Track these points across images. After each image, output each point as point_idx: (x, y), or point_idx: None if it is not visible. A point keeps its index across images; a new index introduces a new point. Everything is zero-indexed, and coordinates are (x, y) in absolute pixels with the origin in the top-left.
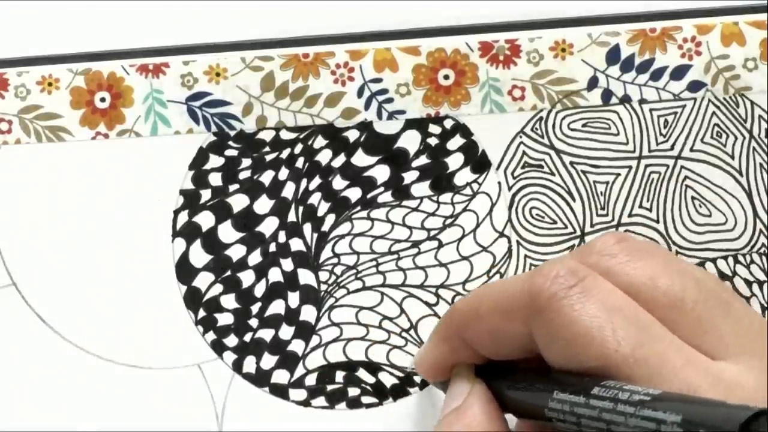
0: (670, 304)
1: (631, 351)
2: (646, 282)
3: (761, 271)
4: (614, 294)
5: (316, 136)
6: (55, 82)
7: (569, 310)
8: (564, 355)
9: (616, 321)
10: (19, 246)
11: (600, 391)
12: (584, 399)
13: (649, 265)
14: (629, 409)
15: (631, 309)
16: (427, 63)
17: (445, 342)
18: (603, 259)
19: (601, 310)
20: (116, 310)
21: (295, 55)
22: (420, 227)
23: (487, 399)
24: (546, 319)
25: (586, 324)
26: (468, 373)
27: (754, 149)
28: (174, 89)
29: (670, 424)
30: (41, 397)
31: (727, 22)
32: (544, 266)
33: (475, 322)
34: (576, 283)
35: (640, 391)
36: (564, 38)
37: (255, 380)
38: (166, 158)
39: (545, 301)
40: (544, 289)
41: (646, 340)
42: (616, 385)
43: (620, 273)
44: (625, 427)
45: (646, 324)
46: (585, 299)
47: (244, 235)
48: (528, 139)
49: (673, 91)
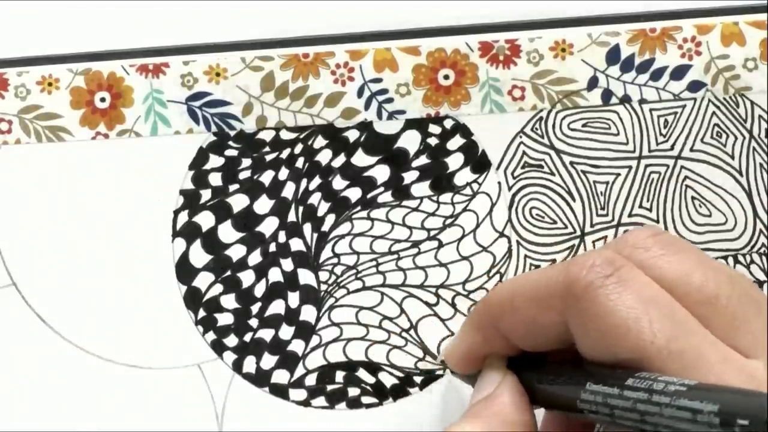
0: (704, 299)
1: (666, 343)
2: (680, 277)
3: (761, 271)
4: (650, 286)
5: (316, 136)
6: (55, 82)
7: (605, 299)
8: (599, 346)
9: (652, 313)
10: (19, 246)
11: (634, 382)
12: (618, 390)
13: (683, 259)
14: (664, 399)
15: (667, 302)
16: (427, 63)
17: (478, 332)
18: (636, 252)
19: (637, 301)
20: (116, 310)
21: (295, 55)
22: (420, 227)
23: (518, 390)
24: (582, 309)
25: (622, 314)
26: (500, 364)
27: (754, 149)
28: (174, 89)
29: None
30: (41, 397)
31: (727, 22)
32: (580, 256)
33: (510, 312)
34: (612, 272)
35: (675, 382)
36: (564, 38)
37: (255, 380)
38: (166, 158)
39: (581, 290)
40: (581, 278)
41: (681, 334)
42: (651, 376)
43: (654, 266)
44: (660, 417)
45: (681, 318)
46: (621, 289)
47: (244, 235)
48: (528, 139)
49: (673, 91)
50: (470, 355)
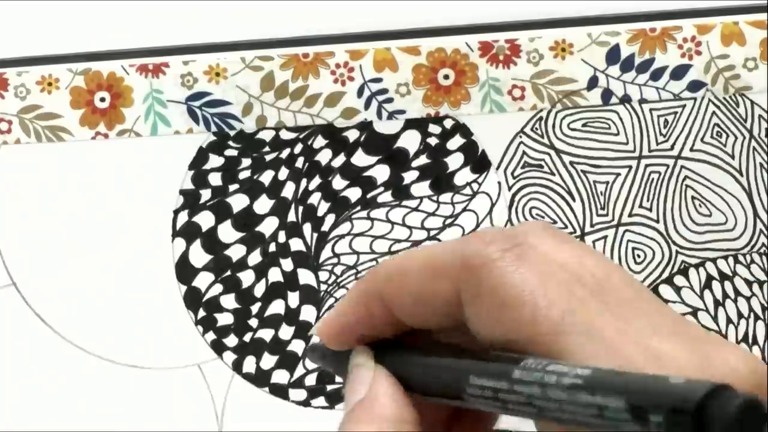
0: (598, 282)
1: (561, 317)
2: (573, 260)
3: (761, 271)
4: (550, 262)
5: (316, 136)
6: (55, 82)
7: (502, 272)
8: (491, 321)
9: (549, 287)
10: (19, 246)
11: (522, 374)
12: (507, 384)
13: (574, 247)
14: (561, 395)
15: (565, 278)
16: (427, 63)
17: (360, 302)
18: (530, 237)
19: (535, 275)
20: (116, 310)
21: (295, 55)
22: (420, 227)
23: (393, 385)
24: (477, 280)
25: (518, 287)
26: (367, 358)
27: (754, 149)
28: (174, 89)
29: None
30: (41, 397)
31: (727, 22)
32: (479, 230)
33: (400, 278)
34: (512, 247)
35: (568, 373)
36: (564, 38)
37: (255, 380)
38: (166, 158)
39: (479, 261)
40: (479, 249)
41: (578, 309)
42: (538, 365)
43: (548, 252)
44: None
45: (580, 295)
46: (519, 263)
47: (244, 235)
48: (528, 139)
49: (673, 90)
50: (346, 329)
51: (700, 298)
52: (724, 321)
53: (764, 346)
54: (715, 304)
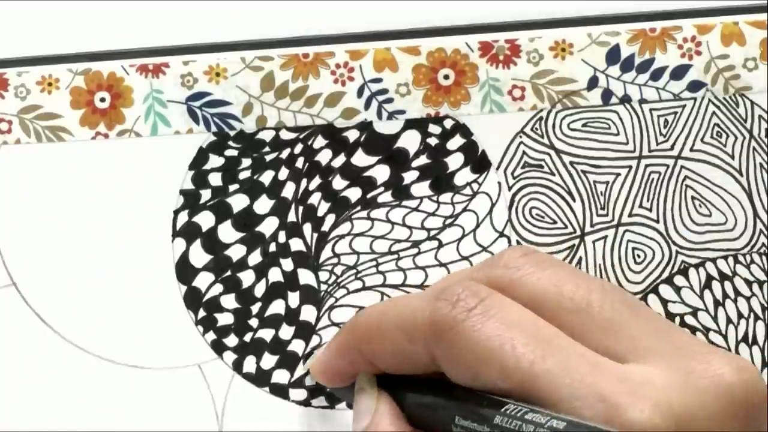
0: (577, 308)
1: (530, 366)
2: (551, 289)
3: (761, 271)
4: (513, 310)
5: (316, 136)
6: (55, 82)
7: (469, 332)
8: (467, 377)
9: (516, 337)
10: (19, 246)
11: (503, 420)
12: (489, 429)
13: (555, 273)
14: None
15: (531, 323)
16: (427, 63)
17: (344, 354)
18: (509, 272)
19: (501, 328)
20: (116, 310)
21: (295, 55)
22: (420, 227)
23: (395, 415)
24: (447, 343)
25: (485, 344)
26: (371, 386)
27: (754, 149)
28: (174, 89)
29: None
30: (41, 397)
31: (727, 21)
32: (446, 288)
33: (377, 338)
34: (476, 304)
35: (543, 424)
36: (564, 38)
37: (255, 380)
38: (166, 158)
39: (446, 327)
40: (445, 314)
41: (546, 352)
42: (518, 413)
43: (526, 284)
44: None
45: (547, 336)
46: (485, 319)
47: (244, 235)
48: (528, 139)
49: (673, 90)
50: (335, 374)
51: (700, 298)
52: (724, 321)
53: (764, 346)
54: (715, 304)
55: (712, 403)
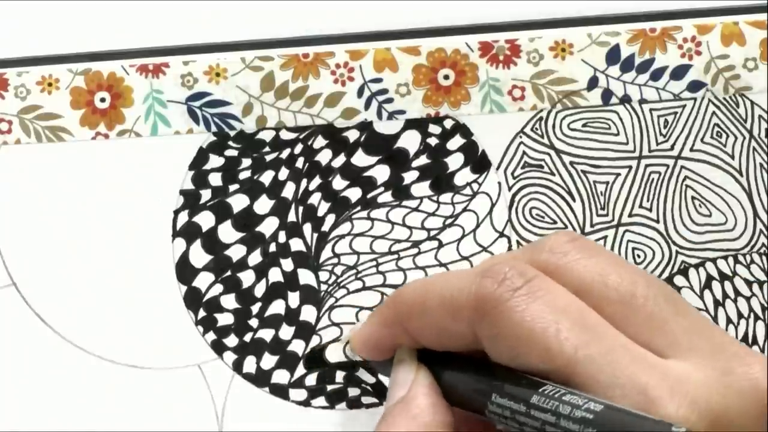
0: (621, 299)
1: (574, 352)
2: (596, 278)
3: (761, 271)
4: (561, 294)
5: (316, 136)
6: (55, 82)
7: (514, 313)
8: (509, 356)
9: (561, 322)
10: (19, 246)
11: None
12: (525, 408)
13: (600, 262)
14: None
15: (577, 309)
16: (427, 63)
17: (387, 327)
18: (554, 257)
19: (546, 311)
20: (116, 310)
21: (295, 55)
22: (420, 227)
23: (433, 388)
24: (491, 322)
25: (529, 326)
26: (411, 359)
27: (754, 149)
28: (174, 89)
29: None
30: (41, 397)
31: (727, 22)
32: (492, 266)
33: (420, 315)
34: (523, 284)
35: (581, 405)
36: (564, 38)
37: (255, 380)
38: (166, 158)
39: (492, 304)
40: (491, 291)
41: (591, 340)
42: (556, 394)
43: (571, 270)
44: None
45: (592, 324)
46: (530, 301)
47: (244, 235)
48: (528, 139)
49: (673, 91)
50: (377, 347)
51: (700, 298)
52: (724, 321)
53: (764, 346)
54: (715, 304)
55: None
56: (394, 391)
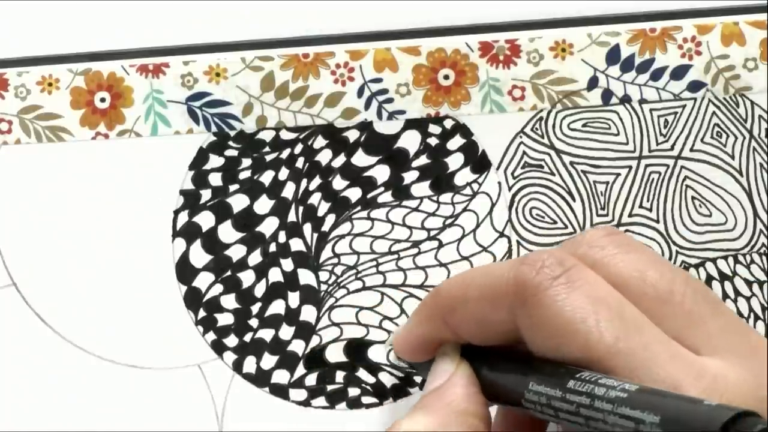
0: (659, 296)
1: (614, 342)
2: (634, 275)
3: (761, 271)
4: (600, 285)
5: (316, 136)
6: (55, 82)
7: (553, 300)
8: (547, 346)
9: (600, 313)
10: (19, 246)
11: (576, 384)
12: (561, 392)
13: (638, 258)
14: (607, 406)
15: (617, 301)
16: (427, 63)
17: (427, 323)
18: (592, 251)
19: (585, 301)
20: (116, 310)
21: (295, 55)
22: (420, 227)
23: (471, 380)
24: (530, 309)
25: (569, 315)
26: (454, 353)
27: (754, 149)
28: (174, 89)
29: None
30: (41, 397)
31: (727, 22)
32: (531, 255)
33: (460, 307)
34: (562, 273)
35: (616, 386)
36: (564, 38)
37: (255, 380)
38: (166, 158)
39: (530, 291)
40: (530, 278)
41: (630, 333)
42: (592, 378)
43: (608, 265)
44: (604, 423)
45: (631, 316)
46: (570, 290)
47: (244, 235)
48: (528, 139)
49: (673, 91)
50: (420, 345)
51: None
52: None
53: None
54: None
55: None
56: (433, 380)
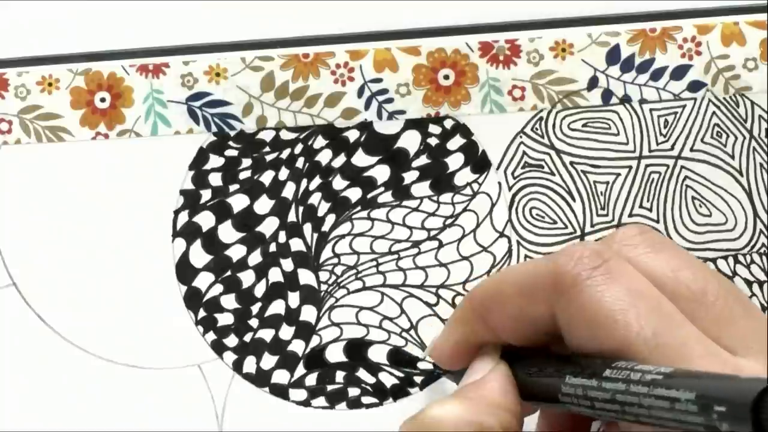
0: (692, 296)
1: (653, 336)
2: (668, 273)
3: (761, 271)
4: (638, 279)
5: (316, 136)
6: (55, 82)
7: (593, 291)
8: (585, 338)
9: (639, 305)
10: (19, 246)
11: (612, 372)
12: (596, 382)
13: (671, 257)
14: (642, 389)
15: (655, 295)
16: (427, 63)
17: (465, 326)
18: (624, 249)
19: (624, 293)
20: (116, 310)
21: (295, 55)
22: (420, 227)
23: (508, 378)
24: (569, 300)
25: (609, 306)
26: (494, 353)
27: (754, 149)
28: (174, 89)
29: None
30: (41, 397)
31: (727, 22)
32: (568, 247)
33: (498, 305)
34: (601, 264)
35: (651, 371)
36: (564, 38)
37: (255, 380)
38: (166, 158)
39: (569, 281)
40: (569, 269)
41: (667, 328)
42: (629, 366)
43: (642, 263)
44: (639, 407)
45: (668, 312)
46: (609, 281)
47: (244, 235)
48: (528, 139)
49: (673, 91)
50: (459, 350)
51: None
52: None
53: None
54: None
55: None
56: (470, 375)
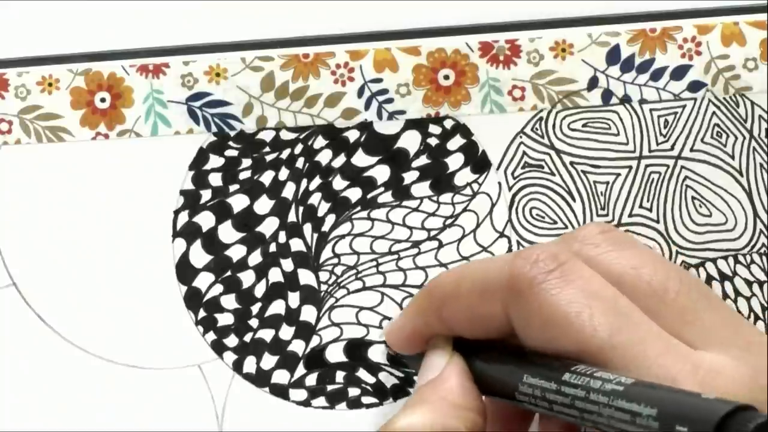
0: (653, 293)
1: (609, 337)
2: (629, 271)
3: (761, 271)
4: (594, 280)
5: (316, 137)
6: (55, 83)
7: (547, 294)
8: (540, 339)
9: (594, 306)
10: (19, 246)
11: (571, 377)
12: (555, 385)
13: (633, 255)
14: (602, 399)
15: (611, 295)
16: (427, 63)
17: (421, 316)
18: (586, 247)
19: (579, 295)
20: (116, 310)
21: (295, 55)
22: (420, 227)
23: (465, 373)
24: (524, 303)
25: (563, 309)
26: (446, 345)
27: (754, 149)
28: (174, 89)
29: (645, 417)
30: (41, 397)
31: (727, 22)
32: (525, 250)
33: (454, 300)
34: (556, 267)
35: (612, 380)
36: (564, 38)
37: (255, 380)
38: (166, 158)
39: (524, 285)
40: (524, 272)
41: (624, 327)
42: (588, 371)
43: (603, 262)
44: (599, 416)
45: (625, 310)
46: (564, 284)
47: (245, 235)
48: (528, 139)
49: (673, 91)
50: (414, 338)
51: None
52: None
53: None
54: None
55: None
56: (426, 373)
